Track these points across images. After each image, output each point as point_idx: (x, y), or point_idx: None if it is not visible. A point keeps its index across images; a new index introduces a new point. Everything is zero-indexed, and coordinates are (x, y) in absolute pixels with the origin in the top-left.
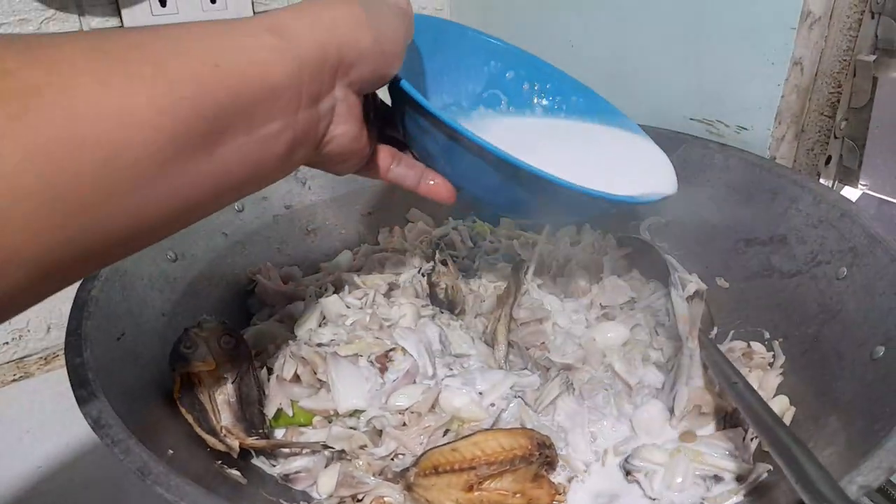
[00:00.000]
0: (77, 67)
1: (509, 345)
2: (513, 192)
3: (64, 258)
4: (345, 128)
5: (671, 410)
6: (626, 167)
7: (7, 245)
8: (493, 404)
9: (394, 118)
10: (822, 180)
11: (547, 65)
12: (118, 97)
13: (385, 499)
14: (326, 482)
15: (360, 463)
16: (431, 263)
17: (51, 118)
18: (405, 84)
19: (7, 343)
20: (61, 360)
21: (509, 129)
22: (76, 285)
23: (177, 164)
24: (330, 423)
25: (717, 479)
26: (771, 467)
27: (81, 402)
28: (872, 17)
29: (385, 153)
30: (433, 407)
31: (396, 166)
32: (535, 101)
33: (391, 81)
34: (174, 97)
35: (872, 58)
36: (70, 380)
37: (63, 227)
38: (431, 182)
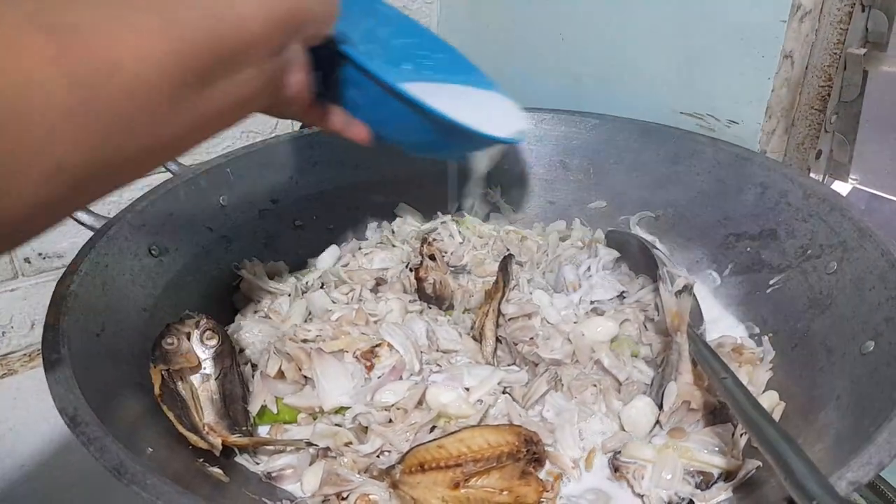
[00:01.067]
0: (102, 11)
1: (497, 340)
2: (426, 135)
3: (98, 171)
4: (298, 76)
5: (660, 406)
6: (490, 115)
7: (57, 155)
8: (480, 400)
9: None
10: (812, 174)
11: (413, 22)
12: (138, 37)
13: (370, 497)
14: (311, 480)
15: (346, 460)
16: (419, 258)
17: (90, 50)
18: (345, 46)
19: None
20: None
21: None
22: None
23: (179, 98)
24: (315, 420)
25: (706, 475)
26: (760, 463)
27: (58, 399)
28: (863, 10)
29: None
30: (420, 403)
31: (330, 112)
32: (405, 56)
33: None
34: (180, 41)
35: (863, 51)
36: (46, 376)
37: (99, 144)
38: (354, 126)
